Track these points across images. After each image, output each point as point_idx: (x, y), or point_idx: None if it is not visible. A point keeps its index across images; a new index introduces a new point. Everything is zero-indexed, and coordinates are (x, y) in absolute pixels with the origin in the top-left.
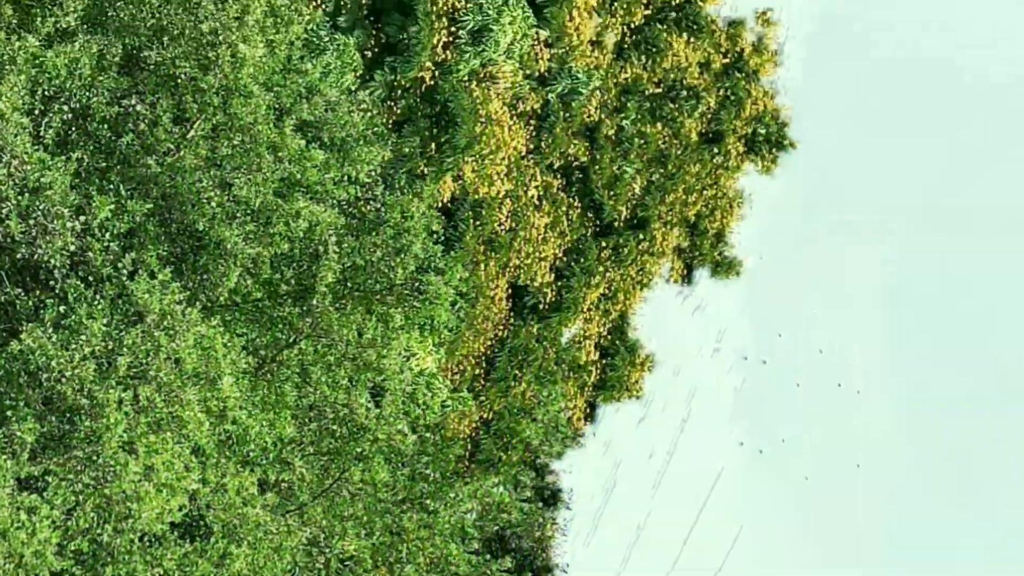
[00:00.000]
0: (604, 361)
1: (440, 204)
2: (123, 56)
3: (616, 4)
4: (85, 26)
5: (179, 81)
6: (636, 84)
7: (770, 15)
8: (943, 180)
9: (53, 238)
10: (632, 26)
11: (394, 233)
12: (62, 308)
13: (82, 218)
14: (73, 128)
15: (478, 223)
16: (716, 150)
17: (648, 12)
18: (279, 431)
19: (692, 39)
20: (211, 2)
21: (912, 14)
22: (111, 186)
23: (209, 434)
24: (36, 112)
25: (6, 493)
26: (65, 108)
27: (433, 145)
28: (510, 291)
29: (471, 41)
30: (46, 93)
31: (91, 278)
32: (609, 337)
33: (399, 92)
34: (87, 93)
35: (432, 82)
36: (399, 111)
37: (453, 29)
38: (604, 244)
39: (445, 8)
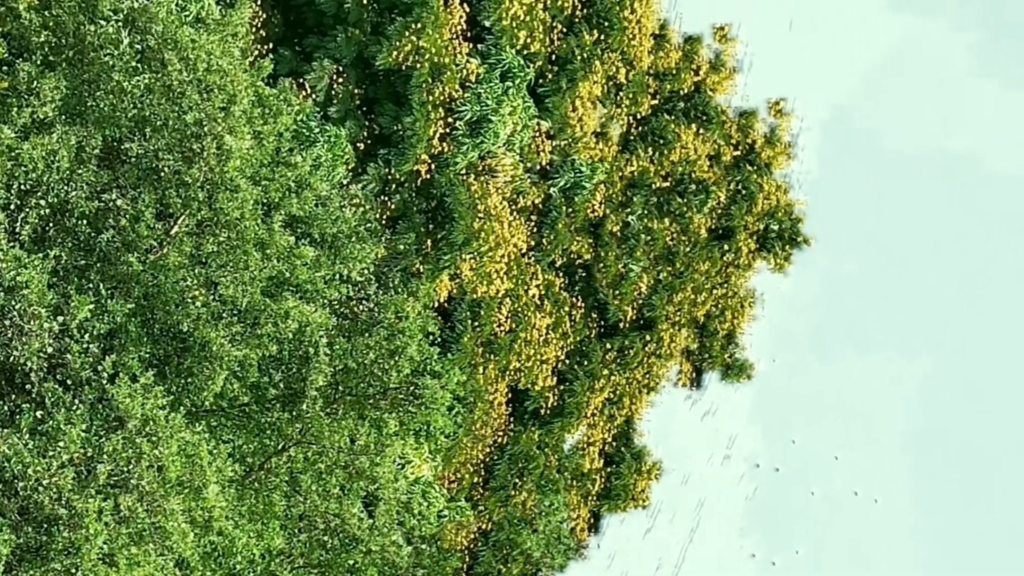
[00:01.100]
0: (609, 469)
1: (437, 304)
2: (103, 148)
3: (621, 94)
4: (63, 117)
5: (162, 174)
6: (642, 177)
7: (783, 105)
8: (965, 277)
9: (29, 340)
10: (638, 116)
11: (388, 334)
12: (39, 413)
13: (60, 319)
14: (51, 224)
15: (476, 324)
16: (726, 247)
17: (655, 102)
18: (267, 542)
19: (701, 130)
20: (196, 92)
21: (931, 105)
22: (90, 285)
23: (194, 546)
24: (12, 207)
25: None
26: (42, 203)
27: (429, 242)
28: (510, 395)
29: (469, 132)
30: (22, 187)
31: (69, 382)
32: (614, 444)
33: (393, 186)
34: (65, 187)
35: (428, 175)
36: (393, 206)
37: (450, 120)
38: (609, 346)
39: (441, 98)
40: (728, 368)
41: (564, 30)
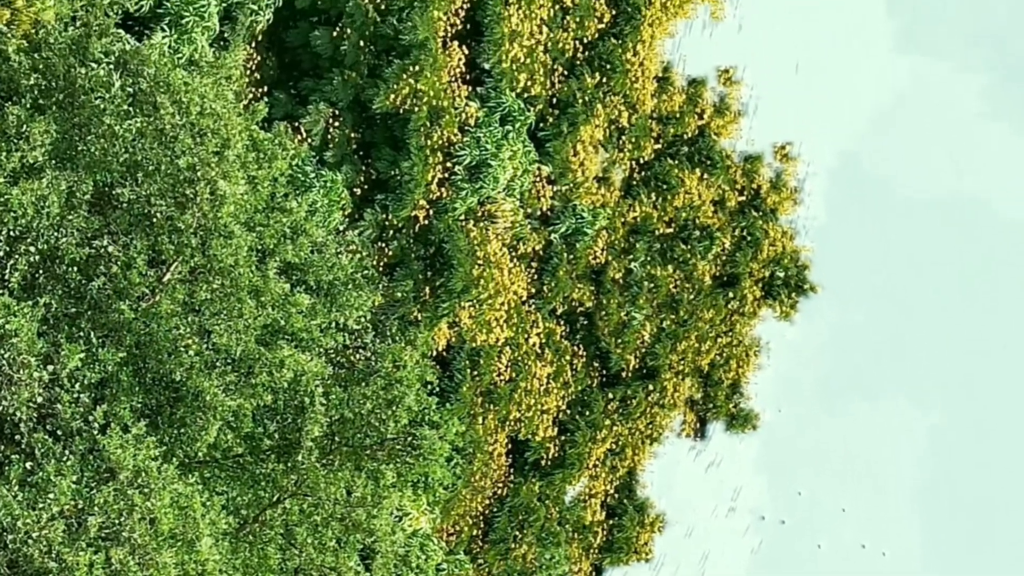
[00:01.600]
0: (611, 521)
1: (435, 353)
2: (94, 193)
3: (624, 138)
4: (53, 161)
5: (154, 220)
6: (645, 223)
7: (789, 150)
8: (976, 326)
9: (19, 389)
10: (641, 161)
11: (385, 384)
12: (29, 464)
13: (50, 368)
14: (40, 271)
15: (476, 373)
16: (731, 294)
17: (658, 146)
18: None
19: (706, 175)
20: (188, 136)
21: (940, 150)
22: (81, 333)
23: None
24: (0, 254)
25: None
26: (32, 249)
27: (427, 289)
28: (510, 446)
29: (468, 177)
30: (11, 233)
31: (60, 432)
32: (616, 495)
33: (390, 232)
34: (55, 233)
35: (426, 221)
36: (391, 253)
37: (448, 164)
38: (611, 396)
39: (440, 142)
40: (733, 418)
41: (565, 73)
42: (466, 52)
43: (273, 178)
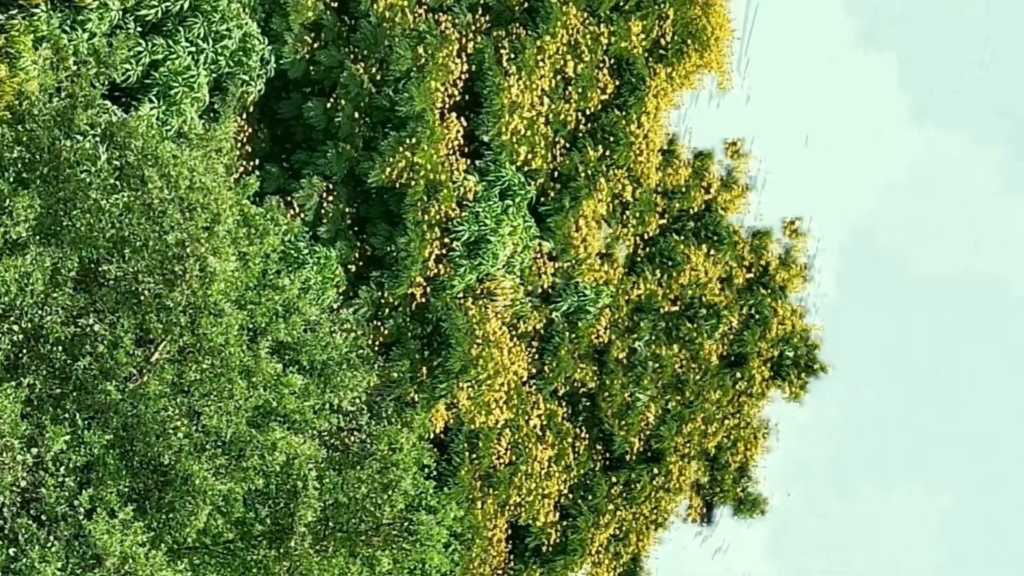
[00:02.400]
0: None
1: (432, 435)
2: (79, 270)
3: (628, 213)
4: (37, 237)
5: (142, 298)
6: (650, 301)
7: (799, 225)
8: (991, 407)
9: (2, 473)
10: (645, 237)
11: (381, 467)
12: (12, 550)
13: (34, 450)
14: (24, 350)
15: (474, 456)
16: (739, 375)
17: (663, 221)
18: None
19: (712, 251)
20: (177, 211)
21: (956, 225)
22: (66, 415)
23: None
24: None
25: None
26: (15, 328)
27: (424, 369)
28: (510, 531)
29: (466, 254)
30: None
31: (44, 517)
32: None
33: (386, 310)
34: (39, 311)
35: (423, 299)
36: (387, 331)
37: (446, 240)
38: (614, 479)
39: (437, 217)
40: (741, 503)
41: (567, 146)
42: (464, 124)
43: (265, 254)
